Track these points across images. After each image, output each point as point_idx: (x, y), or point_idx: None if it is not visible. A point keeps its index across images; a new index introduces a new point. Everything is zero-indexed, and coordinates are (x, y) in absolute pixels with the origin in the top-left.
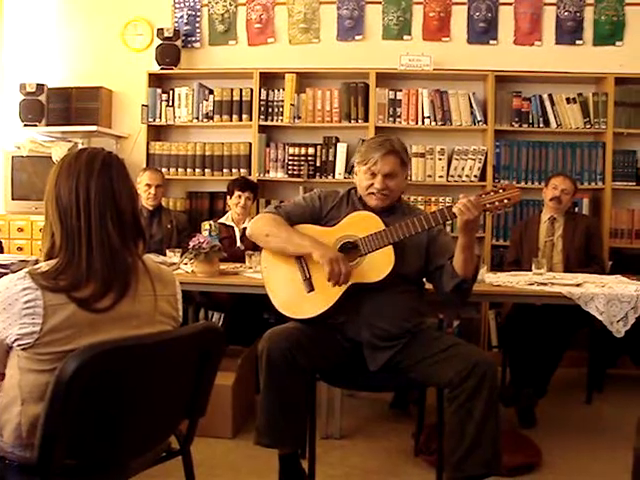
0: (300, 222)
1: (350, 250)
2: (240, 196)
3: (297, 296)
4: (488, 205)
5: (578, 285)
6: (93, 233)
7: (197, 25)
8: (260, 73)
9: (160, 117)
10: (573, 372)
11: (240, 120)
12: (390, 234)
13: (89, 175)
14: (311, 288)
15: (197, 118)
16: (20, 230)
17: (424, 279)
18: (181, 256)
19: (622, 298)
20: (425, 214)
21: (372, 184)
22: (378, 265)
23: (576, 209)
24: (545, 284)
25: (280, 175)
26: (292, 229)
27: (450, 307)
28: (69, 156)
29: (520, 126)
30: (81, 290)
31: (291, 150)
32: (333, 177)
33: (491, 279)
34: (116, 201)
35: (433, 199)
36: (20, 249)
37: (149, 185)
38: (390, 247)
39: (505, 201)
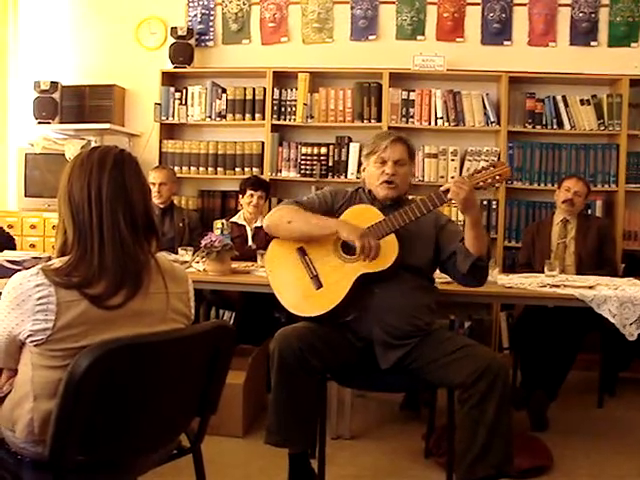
0: None
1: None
2: (252, 195)
3: (307, 294)
4: (481, 183)
5: (590, 287)
6: (105, 229)
7: (211, 24)
8: (273, 72)
9: (173, 115)
10: (585, 375)
11: (253, 119)
12: (391, 222)
13: (101, 172)
14: (319, 285)
15: (210, 117)
16: (33, 227)
17: (436, 272)
18: (193, 254)
19: (635, 301)
20: (422, 199)
21: (383, 171)
22: (383, 253)
23: (589, 211)
24: (557, 286)
25: (292, 174)
26: (313, 214)
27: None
28: (82, 154)
29: (533, 127)
30: (93, 287)
31: (304, 149)
32: (345, 177)
33: (503, 280)
34: (128, 198)
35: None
36: (33, 246)
37: (153, 183)
38: (393, 235)
39: (497, 177)
